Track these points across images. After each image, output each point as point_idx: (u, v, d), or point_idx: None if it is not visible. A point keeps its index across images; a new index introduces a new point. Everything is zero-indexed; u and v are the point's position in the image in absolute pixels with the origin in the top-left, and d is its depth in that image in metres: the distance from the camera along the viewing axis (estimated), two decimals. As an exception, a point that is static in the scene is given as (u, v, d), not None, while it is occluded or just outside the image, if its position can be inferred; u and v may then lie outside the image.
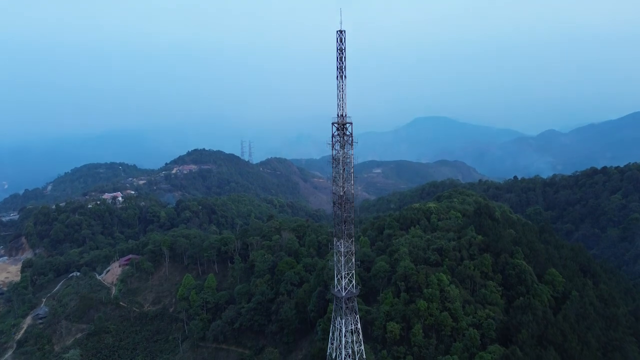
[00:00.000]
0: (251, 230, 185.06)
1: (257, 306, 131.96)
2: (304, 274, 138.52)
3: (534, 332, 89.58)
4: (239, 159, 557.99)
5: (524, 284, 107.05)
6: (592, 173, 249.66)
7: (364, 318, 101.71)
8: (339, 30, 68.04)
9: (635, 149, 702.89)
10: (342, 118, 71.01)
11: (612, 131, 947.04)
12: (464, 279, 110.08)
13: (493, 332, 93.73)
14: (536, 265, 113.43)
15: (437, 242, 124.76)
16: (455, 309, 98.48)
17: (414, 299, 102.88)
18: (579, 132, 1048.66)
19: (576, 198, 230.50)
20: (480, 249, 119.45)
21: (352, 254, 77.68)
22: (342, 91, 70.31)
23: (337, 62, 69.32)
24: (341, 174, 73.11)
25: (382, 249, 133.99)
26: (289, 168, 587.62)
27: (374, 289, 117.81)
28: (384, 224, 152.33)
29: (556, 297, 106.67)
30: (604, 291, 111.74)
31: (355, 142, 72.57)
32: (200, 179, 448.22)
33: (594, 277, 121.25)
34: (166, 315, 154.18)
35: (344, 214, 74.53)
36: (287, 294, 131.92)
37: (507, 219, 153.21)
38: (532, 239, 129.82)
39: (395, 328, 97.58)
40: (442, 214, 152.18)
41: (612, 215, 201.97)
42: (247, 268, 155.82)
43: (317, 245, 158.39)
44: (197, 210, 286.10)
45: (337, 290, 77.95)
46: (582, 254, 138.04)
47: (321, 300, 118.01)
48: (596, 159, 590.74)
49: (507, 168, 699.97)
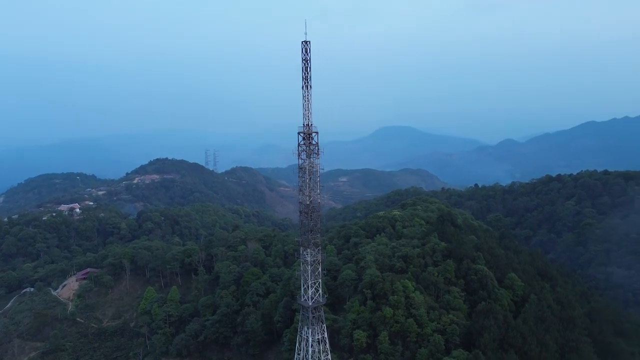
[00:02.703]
0: (216, 241, 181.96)
1: (222, 318, 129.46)
2: (271, 284, 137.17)
3: (495, 336, 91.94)
4: (204, 169, 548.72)
5: (485, 288, 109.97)
6: (547, 180, 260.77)
7: (331, 327, 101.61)
8: (304, 41, 68.54)
9: (587, 157, 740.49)
10: (308, 127, 71.29)
11: (566, 140, 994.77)
12: (428, 285, 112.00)
13: (457, 337, 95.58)
14: (497, 270, 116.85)
15: (402, 250, 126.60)
16: (420, 315, 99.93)
17: (380, 306, 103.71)
18: (535, 142, 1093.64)
19: (534, 205, 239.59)
20: (443, 255, 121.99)
21: (318, 263, 77.62)
22: (308, 101, 70.67)
23: (302, 72, 69.70)
24: (307, 183, 73.19)
25: (349, 257, 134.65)
26: (255, 177, 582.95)
27: (341, 297, 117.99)
28: (351, 232, 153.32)
29: (516, 300, 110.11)
30: (560, 294, 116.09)
31: (321, 151, 72.89)
32: (163, 189, 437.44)
33: (551, 280, 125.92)
34: (127, 330, 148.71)
35: (311, 223, 74.52)
36: (253, 305, 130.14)
37: (469, 226, 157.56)
38: (492, 245, 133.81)
39: (361, 336, 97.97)
40: (407, 222, 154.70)
41: (567, 221, 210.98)
42: (212, 279, 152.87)
43: (283, 255, 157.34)
44: (160, 221, 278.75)
45: (303, 299, 77.60)
46: (540, 259, 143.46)
47: (288, 310, 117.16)
48: (551, 167, 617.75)
49: (468, 176, 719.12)
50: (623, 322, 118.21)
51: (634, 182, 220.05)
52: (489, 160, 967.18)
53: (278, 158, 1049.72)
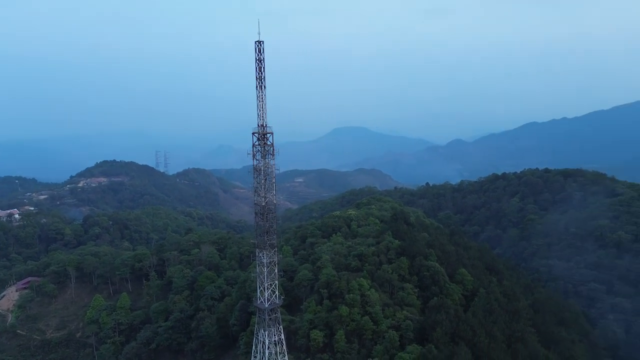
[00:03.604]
0: (168, 245, 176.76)
1: (175, 324, 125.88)
2: (226, 287, 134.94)
3: (447, 330, 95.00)
4: (154, 171, 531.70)
5: (437, 284, 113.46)
6: (494, 179, 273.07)
7: (288, 328, 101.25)
8: (257, 41, 67.89)
9: (530, 156, 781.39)
10: (263, 128, 70.65)
11: (510, 140, 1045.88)
12: (383, 283, 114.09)
13: (411, 333, 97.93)
14: (448, 266, 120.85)
15: (358, 248, 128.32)
16: (375, 312, 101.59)
17: (336, 305, 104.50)
18: (482, 142, 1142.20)
19: (481, 202, 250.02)
20: (397, 253, 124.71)
21: (275, 264, 77.11)
22: (262, 101, 70.04)
23: (256, 72, 69.00)
24: (263, 184, 72.51)
25: (305, 258, 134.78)
26: (209, 179, 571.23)
27: (298, 298, 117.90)
28: (307, 233, 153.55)
29: (466, 295, 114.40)
30: (507, 287, 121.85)
31: (276, 152, 72.41)
32: (111, 192, 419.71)
33: (498, 274, 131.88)
34: (73, 341, 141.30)
35: (267, 225, 73.88)
36: (208, 309, 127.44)
37: (421, 224, 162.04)
38: (443, 242, 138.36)
39: (318, 336, 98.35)
40: (362, 221, 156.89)
41: (512, 217, 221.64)
42: (164, 285, 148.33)
43: (239, 257, 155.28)
44: (108, 226, 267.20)
45: (259, 302, 76.83)
46: (488, 254, 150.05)
47: (244, 313, 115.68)
48: (497, 165, 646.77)
49: (420, 175, 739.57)
50: (564, 312, 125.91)
51: (571, 179, 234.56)
52: (439, 159, 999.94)
53: (232, 159, 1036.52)
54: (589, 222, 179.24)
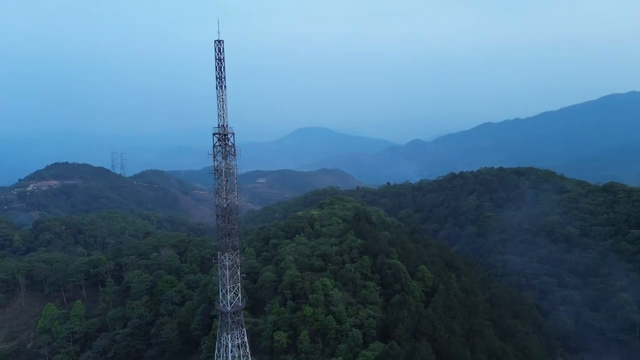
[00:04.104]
0: (125, 250, 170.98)
1: (134, 331, 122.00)
2: (187, 291, 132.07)
3: (409, 326, 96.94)
4: (110, 173, 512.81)
5: (399, 281, 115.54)
6: (452, 178, 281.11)
7: (251, 330, 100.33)
8: (217, 40, 66.84)
9: (486, 155, 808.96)
10: (224, 128, 69.63)
11: (467, 140, 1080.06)
12: (346, 282, 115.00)
13: (374, 330, 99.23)
14: (409, 264, 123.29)
15: (321, 248, 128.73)
16: (339, 311, 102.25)
17: (300, 306, 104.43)
18: (440, 141, 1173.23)
19: (440, 200, 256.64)
20: (360, 251, 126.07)
21: (237, 266, 76.13)
22: (223, 101, 69.04)
23: (216, 72, 67.93)
24: (224, 185, 71.43)
25: (268, 259, 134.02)
26: (168, 181, 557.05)
27: (261, 299, 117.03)
28: (270, 234, 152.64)
29: (426, 291, 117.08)
30: (465, 283, 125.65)
31: (238, 152, 71.54)
32: (64, 196, 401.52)
33: (457, 270, 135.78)
34: (23, 352, 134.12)
35: (228, 226, 72.83)
36: (169, 314, 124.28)
37: (382, 222, 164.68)
38: (404, 240, 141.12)
39: (282, 337, 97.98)
40: (325, 221, 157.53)
41: (469, 215, 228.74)
42: (122, 290, 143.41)
43: (200, 260, 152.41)
44: (60, 231, 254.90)
45: (222, 305, 75.68)
46: (447, 251, 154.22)
47: (206, 317, 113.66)
48: (455, 164, 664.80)
49: (381, 175, 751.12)
50: (518, 305, 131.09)
51: (524, 177, 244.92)
52: (400, 159, 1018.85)
53: (192, 160, 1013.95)
54: (541, 218, 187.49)
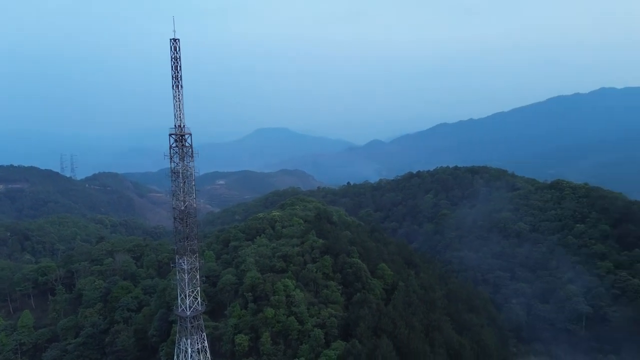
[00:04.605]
0: (77, 256, 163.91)
1: (87, 340, 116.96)
2: (144, 297, 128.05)
3: (370, 324, 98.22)
4: (59, 176, 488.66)
5: (360, 280, 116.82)
6: (409, 177, 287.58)
7: (212, 334, 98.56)
8: (173, 39, 65.36)
9: (442, 155, 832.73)
10: (180, 129, 68.20)
11: (424, 140, 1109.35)
12: (308, 282, 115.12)
13: (335, 329, 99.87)
14: (369, 262, 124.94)
15: (282, 249, 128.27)
16: (300, 312, 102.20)
17: (261, 308, 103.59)
18: (398, 142, 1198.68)
19: (399, 199, 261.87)
20: (321, 251, 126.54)
21: (196, 270, 74.67)
22: (179, 101, 67.60)
23: (172, 71, 66.46)
24: (182, 187, 69.90)
25: (229, 262, 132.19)
26: (122, 183, 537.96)
27: (221, 303, 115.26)
28: (230, 236, 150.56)
29: (387, 289, 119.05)
30: (424, 279, 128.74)
31: (195, 154, 70.35)
32: (8, 200, 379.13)
33: (416, 267, 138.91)
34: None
35: (187, 230, 71.33)
36: (124, 321, 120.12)
37: (343, 222, 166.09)
38: (364, 239, 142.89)
39: (243, 340, 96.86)
40: (286, 222, 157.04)
41: (426, 213, 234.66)
42: (74, 299, 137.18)
43: (157, 265, 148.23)
44: (5, 237, 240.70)
45: (181, 310, 73.97)
46: (406, 248, 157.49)
47: (164, 322, 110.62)
48: (412, 164, 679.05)
49: (341, 175, 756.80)
50: (474, 299, 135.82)
51: (478, 176, 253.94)
52: (359, 159, 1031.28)
53: (148, 162, 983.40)
54: (494, 215, 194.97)
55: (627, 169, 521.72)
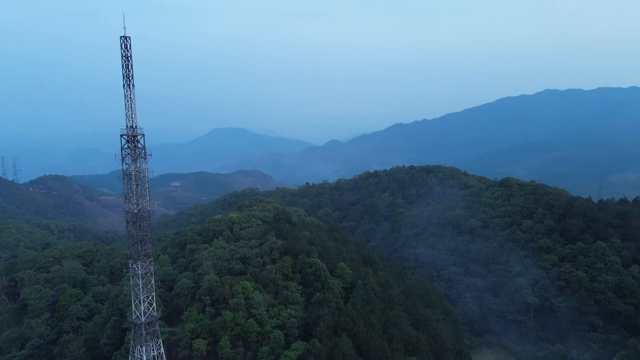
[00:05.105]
0: (21, 263, 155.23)
1: (33, 352, 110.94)
2: (95, 305, 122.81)
3: (329, 323, 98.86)
4: (0, 179, 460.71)
5: (319, 280, 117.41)
6: (367, 176, 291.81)
7: (168, 341, 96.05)
8: (123, 36, 63.11)
9: (397, 155, 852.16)
10: (133, 129, 66.00)
11: (380, 140, 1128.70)
12: (267, 284, 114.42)
13: (296, 330, 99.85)
14: (328, 262, 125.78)
15: (241, 251, 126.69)
16: (260, 314, 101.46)
17: (219, 311, 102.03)
18: (356, 142, 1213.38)
19: (357, 198, 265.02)
20: (280, 252, 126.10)
21: (151, 275, 72.51)
22: (131, 101, 65.42)
23: (122, 69, 64.23)
24: (134, 190, 67.64)
25: (185, 265, 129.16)
26: (70, 186, 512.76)
27: (178, 308, 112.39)
28: (186, 239, 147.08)
29: (346, 287, 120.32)
30: (381, 277, 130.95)
31: (149, 155, 68.32)
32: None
33: (374, 265, 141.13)
34: None
35: (140, 233, 69.10)
36: (74, 330, 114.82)
37: (302, 222, 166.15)
38: (324, 238, 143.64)
39: (201, 345, 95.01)
40: (244, 223, 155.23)
41: (384, 211, 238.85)
42: (18, 309, 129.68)
43: (109, 271, 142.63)
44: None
45: (135, 316, 71.56)
46: (364, 247, 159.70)
47: (117, 330, 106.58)
48: (369, 164, 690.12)
49: (300, 175, 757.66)
50: (430, 295, 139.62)
51: (432, 174, 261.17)
52: (318, 159, 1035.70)
53: (98, 164, 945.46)
54: (448, 212, 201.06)
55: (569, 165, 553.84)
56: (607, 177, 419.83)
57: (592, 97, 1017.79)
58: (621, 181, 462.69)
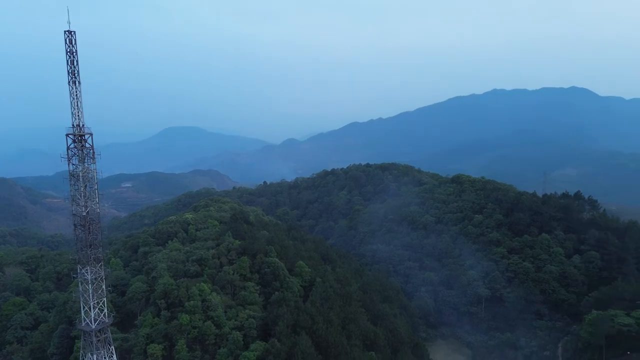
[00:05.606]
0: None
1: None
2: (41, 313, 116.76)
3: (288, 322, 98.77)
4: None
5: (278, 279, 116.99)
6: (324, 175, 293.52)
7: (121, 347, 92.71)
8: (68, 31, 60.12)
9: (354, 153, 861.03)
10: (79, 128, 63.05)
11: (337, 138, 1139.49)
12: (224, 285, 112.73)
13: (254, 330, 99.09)
14: (287, 261, 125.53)
15: (197, 253, 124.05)
16: (217, 316, 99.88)
17: (175, 314, 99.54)
18: (313, 140, 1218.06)
19: (315, 197, 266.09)
20: (238, 253, 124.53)
21: (102, 279, 69.62)
22: (77, 98, 62.48)
23: (67, 65, 61.22)
24: (82, 192, 64.67)
25: (138, 269, 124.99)
26: (11, 189, 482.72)
27: (131, 313, 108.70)
28: (139, 242, 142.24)
29: (305, 286, 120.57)
30: (340, 274, 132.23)
31: (97, 155, 65.56)
32: None
33: (332, 263, 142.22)
34: None
35: (89, 237, 66.16)
36: (18, 341, 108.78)
37: (260, 222, 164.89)
38: (282, 237, 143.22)
39: (157, 350, 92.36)
40: (200, 224, 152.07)
41: (341, 209, 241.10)
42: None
43: (55, 277, 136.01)
44: None
45: (85, 323, 68.51)
46: (322, 245, 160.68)
47: (65, 339, 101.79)
48: (327, 162, 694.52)
49: (257, 174, 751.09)
50: (387, 290, 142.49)
51: (388, 172, 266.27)
52: (275, 158, 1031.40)
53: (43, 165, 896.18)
54: (403, 209, 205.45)
55: (515, 162, 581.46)
56: (550, 172, 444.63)
57: (536, 97, 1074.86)
58: (563, 177, 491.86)
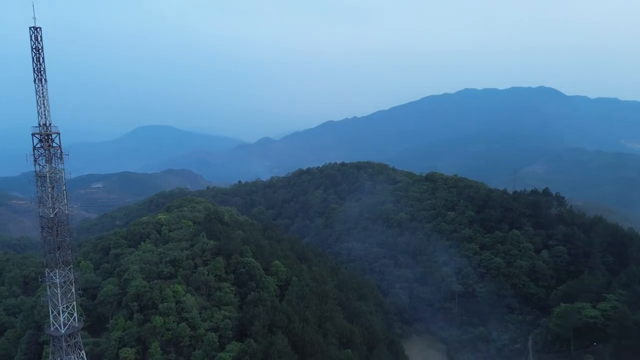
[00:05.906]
0: None
1: None
2: (6, 319, 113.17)
3: (265, 322, 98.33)
4: None
5: (254, 279, 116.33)
6: (300, 174, 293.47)
7: (92, 352, 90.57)
8: (33, 27, 58.17)
9: (329, 151, 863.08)
10: (46, 128, 61.16)
11: (312, 137, 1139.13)
12: (199, 286, 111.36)
13: (230, 331, 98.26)
14: (263, 260, 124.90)
15: (170, 254, 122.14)
16: (192, 317, 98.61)
17: (149, 317, 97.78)
18: (288, 139, 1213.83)
19: (290, 196, 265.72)
20: (213, 253, 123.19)
21: (71, 283, 67.72)
22: (43, 96, 60.57)
23: (33, 63, 59.27)
24: (50, 193, 62.72)
25: (110, 271, 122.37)
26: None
27: (103, 316, 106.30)
28: (110, 244, 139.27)
29: (281, 285, 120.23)
30: (316, 272, 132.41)
31: (65, 155, 63.71)
32: None
33: (308, 261, 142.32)
34: None
35: (58, 239, 64.24)
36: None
37: (235, 221, 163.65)
38: (257, 237, 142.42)
39: (129, 353, 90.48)
40: (174, 225, 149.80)
41: (317, 208, 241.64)
42: None
43: (22, 281, 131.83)
44: None
45: (54, 328, 66.56)
46: (298, 244, 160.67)
47: (33, 345, 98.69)
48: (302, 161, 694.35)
49: (232, 173, 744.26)
50: (363, 288, 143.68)
51: (363, 170, 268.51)
52: (250, 157, 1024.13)
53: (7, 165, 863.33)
54: (378, 207, 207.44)
55: (486, 160, 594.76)
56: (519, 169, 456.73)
57: (506, 95, 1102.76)
58: (531, 174, 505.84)
